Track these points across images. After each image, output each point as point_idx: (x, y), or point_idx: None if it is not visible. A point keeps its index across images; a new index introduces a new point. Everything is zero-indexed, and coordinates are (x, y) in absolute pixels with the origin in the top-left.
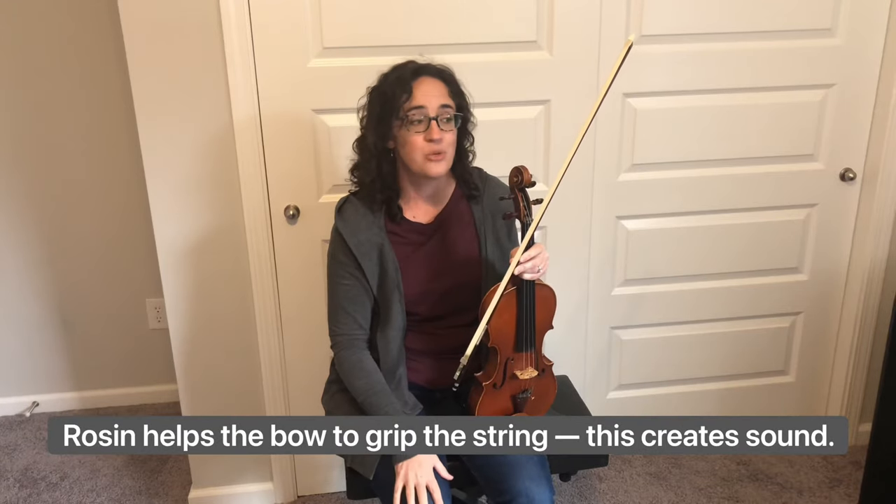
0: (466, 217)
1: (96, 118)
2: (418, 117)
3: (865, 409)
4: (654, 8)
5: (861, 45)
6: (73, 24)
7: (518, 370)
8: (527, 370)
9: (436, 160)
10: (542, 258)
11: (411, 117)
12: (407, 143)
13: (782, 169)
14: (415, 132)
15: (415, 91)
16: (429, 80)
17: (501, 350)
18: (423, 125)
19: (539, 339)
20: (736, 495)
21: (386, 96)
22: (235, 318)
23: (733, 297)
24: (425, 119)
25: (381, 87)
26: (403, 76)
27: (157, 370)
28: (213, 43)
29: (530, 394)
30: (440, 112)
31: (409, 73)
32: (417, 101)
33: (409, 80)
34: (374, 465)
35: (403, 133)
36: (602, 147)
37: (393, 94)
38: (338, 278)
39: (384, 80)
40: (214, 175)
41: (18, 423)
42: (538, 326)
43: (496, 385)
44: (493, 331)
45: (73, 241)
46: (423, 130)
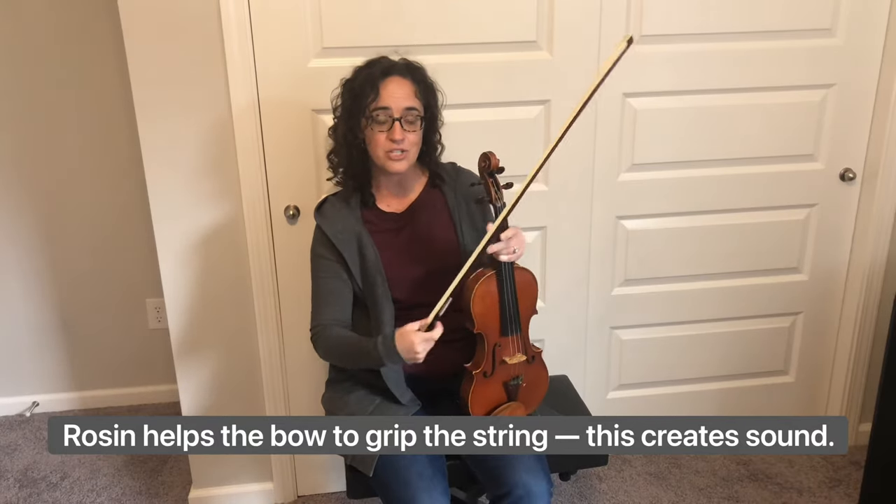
0: (440, 204)
1: (96, 119)
2: (382, 118)
3: (865, 408)
4: (654, 8)
5: (861, 45)
6: (73, 24)
7: (507, 356)
8: (515, 356)
9: (396, 158)
10: (519, 240)
11: (376, 117)
12: (371, 140)
13: (782, 169)
14: (378, 131)
15: (381, 91)
16: (397, 80)
17: (488, 336)
18: (386, 125)
19: (524, 324)
20: (736, 495)
21: (355, 93)
22: (235, 318)
23: (733, 297)
24: (389, 119)
25: (352, 82)
26: (372, 75)
27: (157, 370)
28: (213, 43)
29: (521, 381)
30: (404, 113)
31: (378, 71)
32: (383, 101)
33: (378, 80)
34: (373, 463)
35: (369, 130)
36: (602, 147)
37: (361, 91)
38: (319, 272)
39: (356, 75)
40: (214, 175)
41: (18, 423)
42: (522, 310)
43: (486, 373)
44: (478, 317)
45: (73, 242)
46: (387, 130)
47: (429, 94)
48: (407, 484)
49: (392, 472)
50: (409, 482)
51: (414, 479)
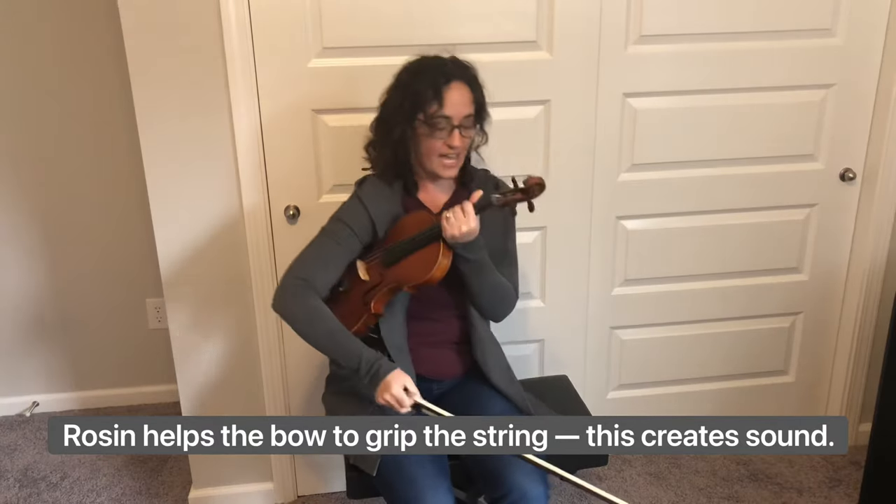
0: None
1: (96, 118)
2: (442, 125)
3: (865, 409)
4: (654, 8)
5: (861, 45)
6: (73, 24)
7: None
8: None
9: (450, 165)
10: (458, 217)
11: (436, 124)
12: (425, 144)
13: (782, 169)
14: (436, 137)
15: (445, 99)
16: (458, 86)
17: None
18: (445, 132)
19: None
20: (736, 495)
21: (415, 95)
22: (235, 318)
23: (733, 297)
24: (448, 127)
25: (411, 83)
26: (436, 80)
27: (157, 370)
28: (213, 43)
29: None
30: (463, 121)
31: (441, 77)
32: (445, 109)
33: (441, 86)
34: (376, 463)
35: (424, 134)
36: (602, 147)
37: (422, 95)
38: (333, 237)
39: (415, 76)
40: (214, 175)
41: (18, 423)
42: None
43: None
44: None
45: (73, 242)
46: (445, 137)
47: (481, 97)
48: (412, 482)
49: (397, 472)
50: (414, 481)
51: (419, 478)
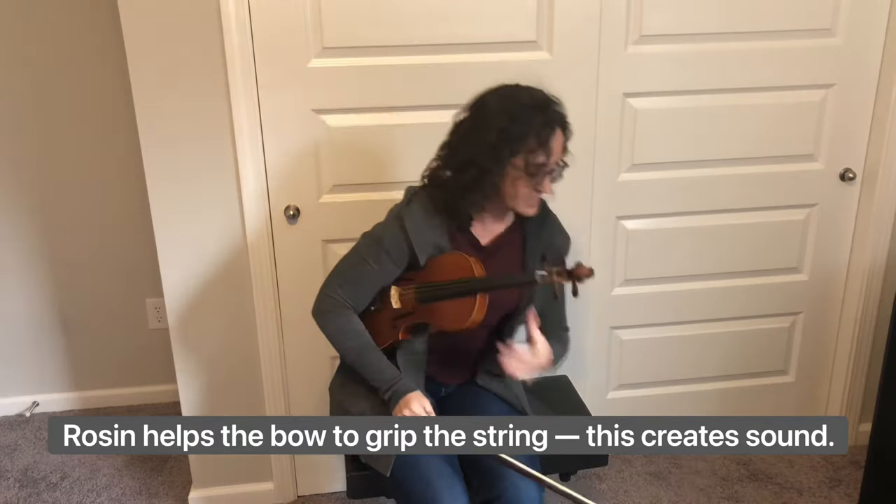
0: (517, 244)
1: (96, 118)
2: (539, 171)
3: (865, 409)
4: (654, 8)
5: (861, 45)
6: (73, 24)
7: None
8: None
9: (534, 205)
10: (520, 363)
11: (534, 172)
12: (514, 187)
13: (782, 169)
14: (527, 182)
15: (549, 149)
16: (558, 133)
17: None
18: (539, 178)
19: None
20: (736, 495)
21: (516, 141)
22: (235, 318)
23: (733, 297)
24: (543, 173)
25: (511, 126)
26: (541, 129)
27: (157, 370)
28: (213, 43)
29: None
30: (556, 167)
31: (546, 126)
32: (547, 157)
33: (548, 137)
34: (391, 463)
35: (516, 177)
36: (602, 147)
37: (525, 143)
38: (369, 259)
39: (514, 119)
40: (214, 175)
41: (18, 423)
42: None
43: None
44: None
45: (73, 241)
46: (537, 183)
47: (568, 140)
48: (429, 483)
49: (412, 472)
50: (430, 481)
51: (435, 478)
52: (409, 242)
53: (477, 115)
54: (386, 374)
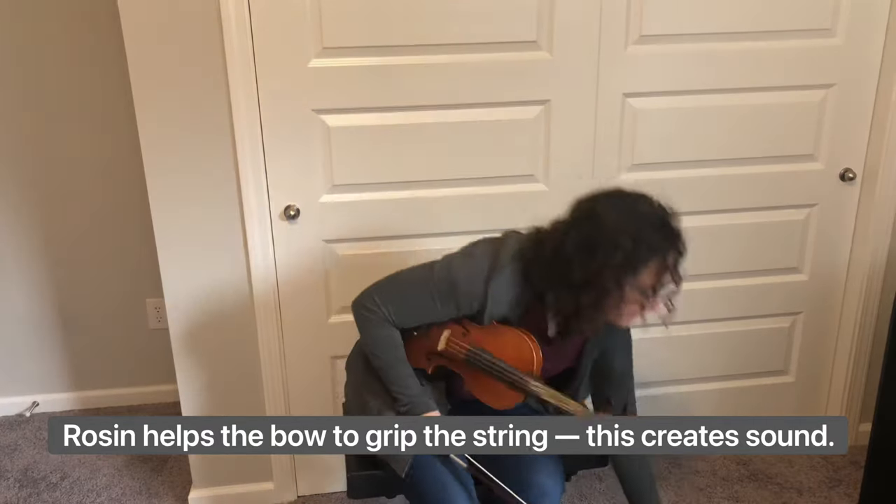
0: (580, 341)
1: (96, 118)
2: (652, 297)
3: (865, 409)
4: (654, 8)
5: (861, 45)
6: (73, 24)
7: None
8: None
9: (635, 322)
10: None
11: (647, 297)
12: (621, 304)
13: (782, 169)
14: (644, 302)
15: (679, 280)
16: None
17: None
18: (655, 300)
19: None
20: (736, 495)
21: (641, 265)
22: (235, 318)
23: (733, 297)
24: (654, 297)
25: (637, 250)
26: (674, 261)
27: (157, 370)
28: (213, 43)
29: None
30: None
31: (677, 256)
32: (677, 284)
33: (674, 258)
34: (407, 463)
35: (631, 299)
36: (602, 147)
37: (653, 272)
38: (436, 297)
39: (641, 243)
40: (214, 174)
41: (18, 423)
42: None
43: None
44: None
45: (73, 241)
46: (653, 304)
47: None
48: (445, 487)
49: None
50: (446, 484)
51: (450, 481)
52: (485, 305)
53: (593, 230)
54: (410, 390)
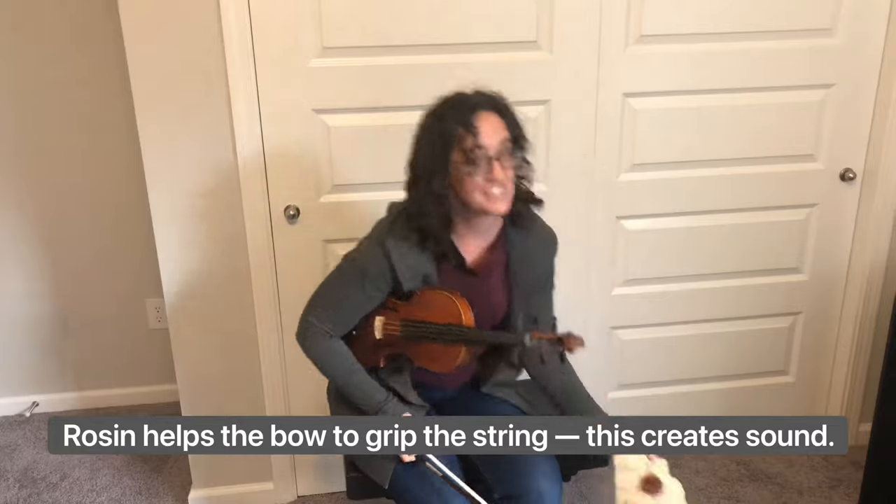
0: (501, 266)
1: (96, 119)
2: (480, 158)
3: (865, 409)
4: (654, 8)
5: (861, 45)
6: (74, 24)
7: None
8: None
9: (496, 198)
10: None
11: (474, 158)
12: (467, 183)
13: (782, 169)
14: (476, 174)
15: (477, 129)
16: (487, 115)
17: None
18: (484, 166)
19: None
20: (736, 495)
21: (446, 135)
22: (235, 318)
23: (733, 297)
24: (486, 159)
25: (438, 124)
26: (463, 113)
27: (157, 370)
28: (213, 43)
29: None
30: (501, 150)
31: (467, 110)
32: (480, 139)
33: (469, 118)
34: (389, 474)
35: (464, 173)
36: (602, 147)
37: (453, 132)
38: (352, 286)
39: (440, 117)
40: (214, 175)
41: (18, 423)
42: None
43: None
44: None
45: (73, 242)
46: (486, 172)
47: (516, 126)
48: (439, 492)
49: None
50: (440, 490)
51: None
52: (394, 271)
53: (417, 136)
54: (375, 398)
